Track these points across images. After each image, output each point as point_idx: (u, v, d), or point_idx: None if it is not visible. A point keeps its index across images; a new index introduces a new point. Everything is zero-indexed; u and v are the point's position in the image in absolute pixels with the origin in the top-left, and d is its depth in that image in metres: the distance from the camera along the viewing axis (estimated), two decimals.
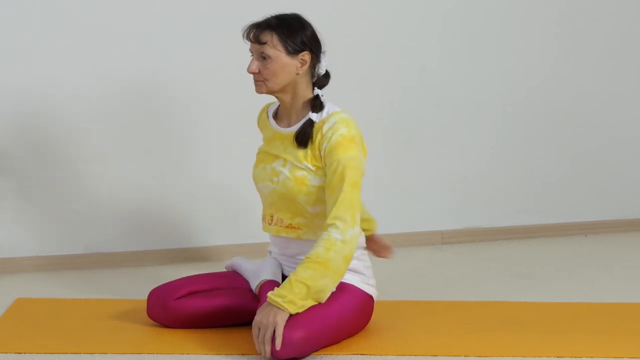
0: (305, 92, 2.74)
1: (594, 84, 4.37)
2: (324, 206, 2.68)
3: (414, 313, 3.03)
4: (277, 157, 2.76)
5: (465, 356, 2.59)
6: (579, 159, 4.39)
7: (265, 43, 2.68)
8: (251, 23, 2.73)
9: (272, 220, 2.80)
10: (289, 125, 2.77)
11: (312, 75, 2.75)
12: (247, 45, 2.75)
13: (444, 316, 2.99)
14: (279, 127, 2.80)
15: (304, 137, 2.69)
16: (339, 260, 2.55)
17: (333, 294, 2.64)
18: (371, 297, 2.76)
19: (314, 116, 2.70)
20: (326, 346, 2.63)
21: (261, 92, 2.76)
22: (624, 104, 4.43)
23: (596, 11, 4.32)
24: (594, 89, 4.38)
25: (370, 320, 2.81)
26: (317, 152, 2.67)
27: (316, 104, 2.72)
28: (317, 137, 2.68)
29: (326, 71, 2.77)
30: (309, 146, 2.69)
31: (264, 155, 2.81)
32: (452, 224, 4.23)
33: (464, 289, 3.38)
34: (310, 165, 2.68)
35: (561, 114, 4.34)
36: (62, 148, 3.71)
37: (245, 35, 2.73)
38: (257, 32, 2.70)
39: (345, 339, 2.70)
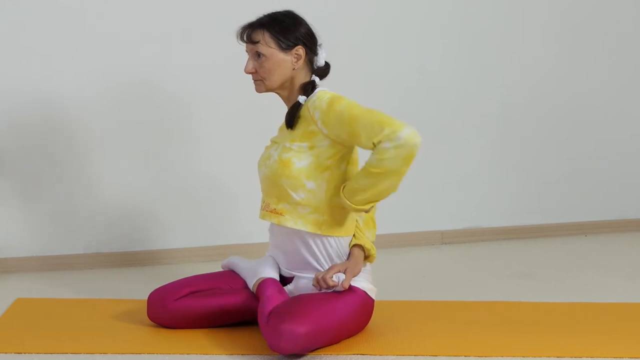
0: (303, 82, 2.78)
1: (594, 84, 4.38)
2: (307, 193, 2.69)
3: (414, 313, 3.03)
4: (275, 143, 2.81)
5: (465, 356, 2.59)
6: (579, 159, 4.39)
7: (258, 42, 2.72)
8: (244, 24, 2.76)
9: (262, 204, 2.83)
10: None
11: (310, 69, 2.78)
12: (244, 46, 2.77)
13: (444, 316, 2.99)
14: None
15: (290, 118, 2.73)
16: (397, 162, 2.53)
17: (336, 293, 2.65)
18: (371, 297, 2.76)
19: (301, 98, 2.73)
20: (328, 344, 2.63)
21: (261, 91, 2.79)
22: (624, 103, 4.43)
23: (596, 11, 4.33)
24: (594, 89, 4.38)
25: (371, 320, 2.81)
26: (311, 127, 2.68)
27: (306, 87, 2.74)
28: (306, 114, 2.70)
29: (325, 62, 2.79)
30: (301, 125, 2.71)
31: (270, 144, 2.86)
32: (452, 224, 4.23)
33: (464, 289, 3.38)
34: (303, 144, 2.69)
35: (561, 114, 4.35)
36: (62, 148, 3.71)
37: (238, 36, 2.76)
38: (250, 31, 2.74)
39: (346, 338, 2.70)
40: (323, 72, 2.79)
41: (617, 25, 4.36)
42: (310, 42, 2.75)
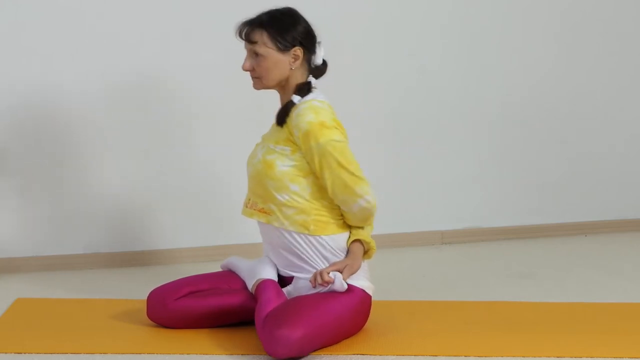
0: (300, 82, 2.77)
1: (594, 84, 4.37)
2: (292, 196, 2.70)
3: (414, 313, 3.03)
4: (263, 141, 2.81)
5: (465, 356, 2.59)
6: (579, 159, 4.39)
7: (256, 42, 2.71)
8: (243, 20, 2.75)
9: (249, 202, 2.83)
10: None
11: (308, 67, 2.78)
12: (242, 42, 2.76)
13: (444, 316, 2.99)
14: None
15: (282, 115, 2.73)
16: (358, 221, 2.75)
17: (332, 293, 2.65)
18: (369, 295, 2.76)
19: (295, 98, 2.72)
20: (326, 345, 2.63)
21: (258, 88, 2.80)
22: (624, 103, 4.43)
23: (596, 11, 4.32)
24: (594, 89, 4.38)
25: (370, 320, 2.81)
26: (291, 137, 2.70)
27: (302, 88, 2.74)
28: (289, 121, 2.71)
29: (323, 60, 2.80)
30: (286, 129, 2.72)
31: (260, 141, 2.86)
32: (452, 224, 4.23)
33: (464, 289, 3.38)
34: (286, 147, 2.70)
35: (561, 114, 4.34)
36: (62, 148, 3.71)
37: (237, 33, 2.76)
38: (248, 30, 2.73)
39: (344, 338, 2.70)
40: (320, 71, 2.79)
41: (617, 25, 4.36)
42: (308, 41, 2.74)
